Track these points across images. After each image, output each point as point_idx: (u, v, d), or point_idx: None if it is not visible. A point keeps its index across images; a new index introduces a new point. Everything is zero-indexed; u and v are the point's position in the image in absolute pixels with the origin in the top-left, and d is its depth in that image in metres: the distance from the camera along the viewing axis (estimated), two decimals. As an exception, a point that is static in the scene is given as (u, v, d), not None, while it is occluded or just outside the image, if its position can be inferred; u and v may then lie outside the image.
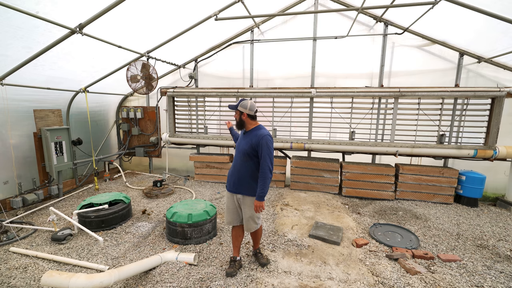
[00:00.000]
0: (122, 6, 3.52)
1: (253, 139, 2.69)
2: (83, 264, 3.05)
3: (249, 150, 2.69)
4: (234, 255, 3.03)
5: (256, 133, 2.71)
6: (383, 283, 2.76)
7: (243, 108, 2.75)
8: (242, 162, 2.75)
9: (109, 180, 6.56)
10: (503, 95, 4.74)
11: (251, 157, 2.71)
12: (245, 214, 2.83)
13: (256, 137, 2.68)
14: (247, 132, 2.81)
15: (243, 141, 2.79)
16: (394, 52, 5.64)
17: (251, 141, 2.69)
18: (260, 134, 2.67)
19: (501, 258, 3.29)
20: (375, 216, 4.50)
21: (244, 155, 2.73)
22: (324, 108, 5.71)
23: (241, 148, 2.77)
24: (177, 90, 6.25)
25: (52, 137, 4.94)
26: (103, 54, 4.81)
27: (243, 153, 2.73)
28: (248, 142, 2.72)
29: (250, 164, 2.73)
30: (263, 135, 2.65)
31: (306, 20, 5.88)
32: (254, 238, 3.10)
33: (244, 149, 2.72)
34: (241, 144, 2.80)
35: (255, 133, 2.72)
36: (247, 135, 2.79)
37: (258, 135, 2.68)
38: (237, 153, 2.82)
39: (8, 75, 4.09)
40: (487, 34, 4.56)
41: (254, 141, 2.67)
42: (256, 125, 2.81)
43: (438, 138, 5.28)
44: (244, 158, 2.74)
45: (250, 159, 2.72)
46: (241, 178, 2.76)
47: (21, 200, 4.56)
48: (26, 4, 3.07)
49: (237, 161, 2.80)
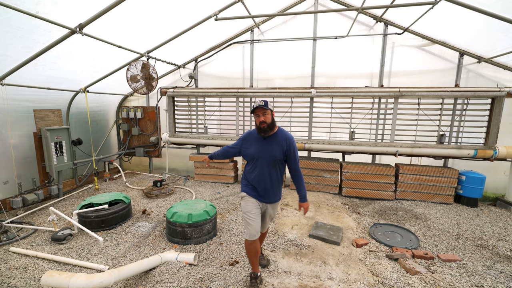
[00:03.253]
0: (122, 6, 3.52)
1: (282, 144, 2.51)
2: (83, 264, 3.05)
3: (280, 156, 2.51)
4: (255, 271, 2.72)
5: (284, 137, 2.54)
6: (383, 283, 2.76)
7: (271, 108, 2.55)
8: (271, 170, 2.56)
9: (109, 180, 6.56)
10: (503, 95, 4.74)
11: (279, 163, 2.56)
12: (269, 216, 2.79)
13: (285, 140, 2.52)
14: (270, 136, 2.55)
15: (267, 148, 2.53)
16: (394, 52, 5.64)
17: (282, 146, 2.51)
18: (288, 137, 2.55)
19: (501, 258, 3.29)
20: (375, 216, 4.50)
21: (274, 163, 2.53)
22: (324, 108, 5.71)
23: (269, 155, 2.51)
24: (177, 90, 6.25)
25: (52, 137, 4.94)
26: (103, 54, 4.81)
27: (273, 160, 2.52)
28: (277, 147, 2.51)
29: (277, 171, 2.59)
30: (291, 137, 2.56)
31: (306, 20, 5.88)
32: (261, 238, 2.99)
33: (274, 156, 2.50)
34: (265, 151, 2.53)
35: (282, 137, 2.54)
36: (271, 141, 2.54)
37: (286, 138, 2.54)
38: (263, 162, 2.53)
39: (8, 75, 4.09)
40: (487, 34, 4.56)
41: (284, 145, 2.51)
42: (277, 127, 2.63)
43: (438, 138, 5.28)
44: (272, 165, 2.54)
45: (278, 166, 2.57)
46: (273, 187, 2.61)
47: (21, 200, 4.56)
48: (26, 4, 3.06)
49: (265, 169, 2.54)
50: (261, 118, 2.47)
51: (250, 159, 2.64)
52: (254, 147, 2.59)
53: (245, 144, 2.68)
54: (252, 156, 2.59)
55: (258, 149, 2.56)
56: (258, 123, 2.51)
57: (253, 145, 2.60)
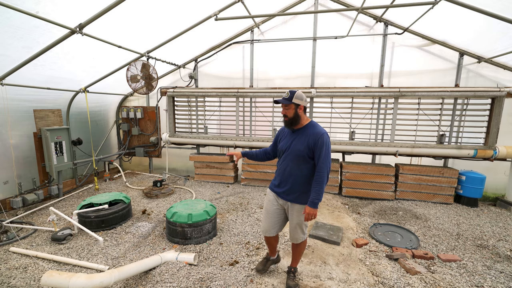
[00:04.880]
0: (122, 6, 3.52)
1: (310, 138, 2.33)
2: (83, 264, 3.05)
3: (305, 151, 2.33)
4: (269, 255, 2.91)
5: (313, 131, 2.35)
6: (383, 283, 2.76)
7: (299, 100, 2.36)
8: (295, 165, 2.40)
9: (109, 180, 6.56)
10: (503, 95, 4.74)
11: (306, 159, 2.36)
12: (292, 222, 2.52)
13: (313, 135, 2.32)
14: (298, 130, 2.44)
15: (294, 141, 2.42)
16: (394, 52, 5.64)
17: (308, 141, 2.33)
18: (318, 132, 2.32)
19: (501, 258, 3.29)
20: (375, 216, 4.50)
21: (298, 158, 2.38)
22: (324, 108, 5.72)
23: (294, 149, 2.40)
24: (177, 90, 6.25)
25: (52, 137, 4.94)
26: (103, 54, 4.81)
27: (297, 155, 2.37)
28: (303, 142, 2.35)
29: (304, 168, 2.39)
30: (321, 133, 2.31)
31: (306, 20, 5.88)
32: (295, 252, 2.71)
33: (299, 150, 2.35)
34: (292, 144, 2.43)
35: (311, 131, 2.36)
36: (299, 134, 2.42)
37: (315, 133, 2.33)
38: (288, 154, 2.44)
39: (8, 75, 4.09)
40: (487, 34, 4.56)
41: (311, 140, 2.32)
42: (308, 120, 2.46)
43: (438, 138, 5.28)
44: (297, 161, 2.39)
45: (304, 162, 2.38)
46: (295, 184, 2.42)
47: (21, 200, 4.56)
48: (26, 4, 3.06)
49: (289, 164, 2.43)
50: (283, 111, 2.44)
51: (280, 152, 2.58)
52: (284, 140, 2.54)
53: (280, 138, 2.64)
54: (281, 149, 2.55)
55: (286, 142, 2.50)
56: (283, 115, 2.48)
57: (284, 139, 2.56)
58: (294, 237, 2.58)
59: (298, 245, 2.65)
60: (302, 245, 2.65)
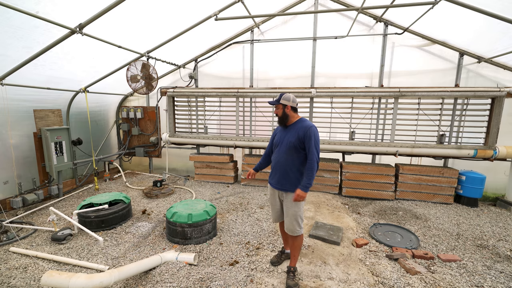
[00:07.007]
0: (122, 6, 3.52)
1: (299, 131, 2.61)
2: (83, 264, 3.05)
3: (296, 142, 2.60)
4: (284, 248, 3.17)
5: (302, 125, 2.64)
6: (383, 283, 2.76)
7: (286, 101, 2.68)
8: (287, 156, 2.66)
9: (109, 180, 6.56)
10: (503, 95, 4.74)
11: (297, 150, 2.62)
12: (288, 212, 2.72)
13: (302, 128, 2.61)
14: (290, 126, 2.74)
15: (287, 135, 2.71)
16: (394, 52, 5.64)
17: (298, 134, 2.61)
18: (307, 126, 2.60)
19: (501, 258, 3.29)
20: (375, 216, 4.50)
21: (290, 148, 2.64)
22: (324, 108, 5.71)
23: (286, 141, 2.67)
24: (177, 90, 6.25)
25: (52, 137, 4.94)
26: (103, 54, 4.81)
27: (289, 146, 2.64)
28: (294, 134, 2.64)
29: (295, 158, 2.64)
30: (309, 126, 2.59)
31: (306, 20, 5.88)
32: (292, 247, 2.82)
33: (291, 142, 2.63)
34: (285, 138, 2.71)
35: (300, 125, 2.65)
36: (290, 129, 2.71)
37: (304, 126, 2.61)
38: (281, 147, 2.72)
39: (8, 75, 4.09)
40: (487, 34, 4.56)
41: (301, 133, 2.60)
42: (298, 117, 2.76)
43: (438, 138, 5.28)
44: (289, 151, 2.65)
45: (296, 152, 2.63)
46: (287, 173, 2.67)
47: (21, 200, 4.56)
48: (26, 4, 3.06)
49: (281, 155, 2.71)
50: (275, 111, 2.80)
51: (274, 146, 2.89)
52: (278, 136, 2.85)
53: (274, 135, 2.94)
54: (275, 143, 2.86)
55: (279, 137, 2.81)
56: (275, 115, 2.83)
57: (278, 134, 2.87)
58: (289, 228, 2.74)
59: (294, 239, 2.78)
60: (298, 239, 2.79)
